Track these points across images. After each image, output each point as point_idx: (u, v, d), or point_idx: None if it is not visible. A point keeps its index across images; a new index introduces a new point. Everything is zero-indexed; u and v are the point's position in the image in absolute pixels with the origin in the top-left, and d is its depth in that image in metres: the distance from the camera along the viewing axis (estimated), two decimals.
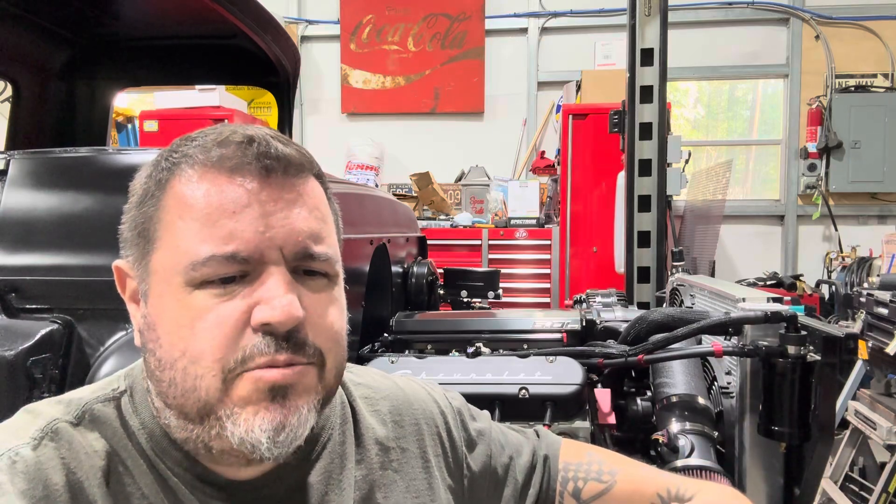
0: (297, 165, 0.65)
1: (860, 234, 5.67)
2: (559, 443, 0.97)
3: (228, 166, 0.62)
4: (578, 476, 0.91)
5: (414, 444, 0.83)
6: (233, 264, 0.60)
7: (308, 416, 0.63)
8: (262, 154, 0.62)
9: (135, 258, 0.65)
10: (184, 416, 0.62)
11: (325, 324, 0.65)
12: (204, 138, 0.64)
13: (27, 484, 0.56)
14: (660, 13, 2.96)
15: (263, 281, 0.61)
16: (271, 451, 0.61)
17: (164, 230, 0.63)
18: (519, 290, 4.81)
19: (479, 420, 0.93)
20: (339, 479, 0.74)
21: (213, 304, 0.60)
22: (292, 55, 2.07)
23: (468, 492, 0.87)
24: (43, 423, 0.61)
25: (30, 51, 2.06)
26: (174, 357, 0.61)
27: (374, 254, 1.87)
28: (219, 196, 0.61)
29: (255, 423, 0.60)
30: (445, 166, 5.90)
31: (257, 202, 0.61)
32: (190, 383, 0.60)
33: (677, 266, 2.37)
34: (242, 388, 0.60)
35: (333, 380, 0.67)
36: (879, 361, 2.96)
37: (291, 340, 0.61)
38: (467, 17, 6.13)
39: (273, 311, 0.60)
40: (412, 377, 0.93)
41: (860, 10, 5.68)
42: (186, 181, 0.62)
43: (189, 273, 0.60)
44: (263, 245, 0.61)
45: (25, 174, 1.28)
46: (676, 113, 6.07)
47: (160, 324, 0.62)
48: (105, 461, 0.62)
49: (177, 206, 0.62)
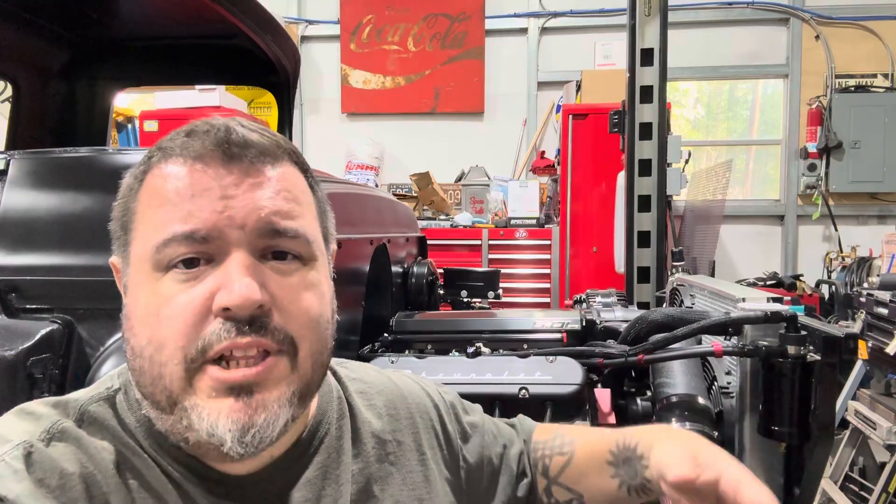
0: (265, 151, 0.65)
1: (860, 234, 5.67)
2: (534, 426, 0.98)
3: (192, 155, 0.63)
4: (545, 454, 0.93)
5: (409, 438, 0.83)
6: (192, 244, 0.60)
7: (279, 412, 0.61)
8: (224, 140, 0.63)
9: (119, 253, 0.67)
10: (156, 405, 0.62)
11: (297, 309, 0.63)
12: (178, 131, 0.66)
13: (43, 473, 0.56)
14: (660, 13, 2.96)
15: (225, 266, 0.61)
16: (237, 451, 0.59)
17: (139, 220, 0.64)
18: (519, 290, 4.81)
19: (471, 413, 0.94)
20: (336, 474, 0.74)
21: (178, 291, 0.60)
22: (292, 55, 2.07)
23: (466, 483, 0.88)
24: (47, 423, 0.61)
25: (30, 51, 2.06)
26: (142, 344, 0.61)
27: (374, 254, 1.87)
28: (181, 181, 0.62)
29: (219, 422, 0.59)
30: (445, 166, 5.90)
31: (218, 186, 0.61)
32: (157, 371, 0.60)
33: (677, 266, 2.37)
34: (203, 381, 0.60)
35: (310, 369, 0.64)
36: (879, 361, 2.95)
37: (255, 324, 0.60)
38: (467, 17, 6.12)
39: (230, 294, 0.59)
40: (405, 373, 0.94)
41: (860, 10, 5.68)
42: (158, 172, 0.64)
43: (154, 256, 0.61)
44: (222, 223, 0.61)
45: (25, 174, 1.28)
46: (676, 113, 6.06)
47: (134, 312, 0.63)
48: (114, 455, 0.62)
49: (147, 197, 0.64)
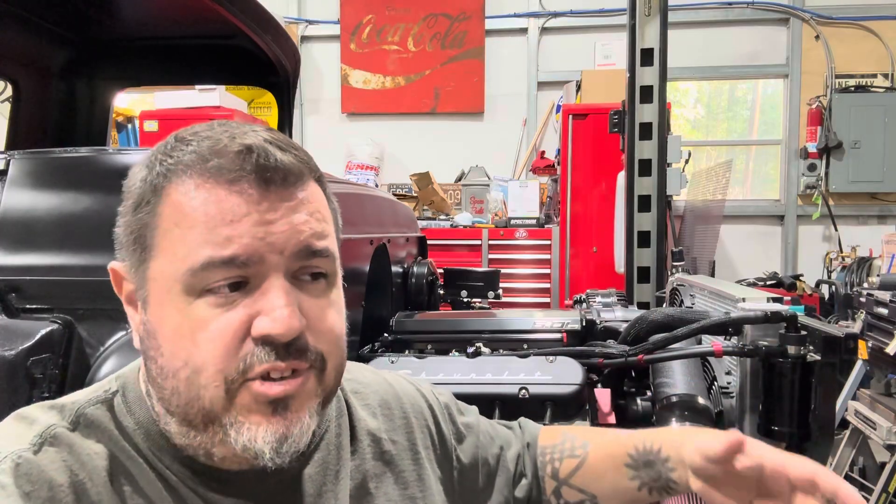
0: (297, 174, 0.64)
1: (860, 234, 5.67)
2: (538, 429, 0.98)
3: (227, 178, 0.61)
4: (554, 457, 0.92)
5: (403, 437, 0.84)
6: (231, 269, 0.60)
7: (310, 422, 0.64)
8: (262, 167, 0.61)
9: (131, 264, 0.65)
10: (187, 423, 0.62)
11: (325, 328, 0.65)
12: (199, 144, 0.63)
13: (32, 486, 0.56)
14: (660, 13, 2.96)
15: (264, 291, 0.61)
16: (274, 461, 0.62)
17: (162, 238, 0.62)
18: (519, 290, 4.81)
19: (466, 414, 0.94)
20: (335, 470, 0.75)
21: (214, 315, 0.60)
22: (292, 55, 2.07)
23: (458, 483, 0.88)
24: (40, 428, 0.61)
25: (30, 51, 2.06)
26: (176, 367, 0.61)
27: (374, 254, 1.87)
28: (217, 206, 0.60)
29: (259, 435, 0.61)
30: (445, 166, 5.90)
31: (256, 212, 0.61)
32: (194, 392, 0.61)
33: (677, 266, 2.37)
34: (244, 398, 0.61)
35: (333, 381, 0.67)
36: (879, 361, 2.95)
37: (292, 348, 0.61)
38: (467, 17, 6.12)
39: (274, 323, 0.60)
40: (400, 374, 0.94)
41: (860, 10, 5.68)
42: (184, 190, 0.61)
43: (188, 279, 0.60)
44: (263, 249, 0.60)
45: (25, 174, 1.28)
46: (676, 113, 6.06)
47: (161, 332, 0.62)
48: (107, 461, 0.62)
49: (173, 215, 0.61)
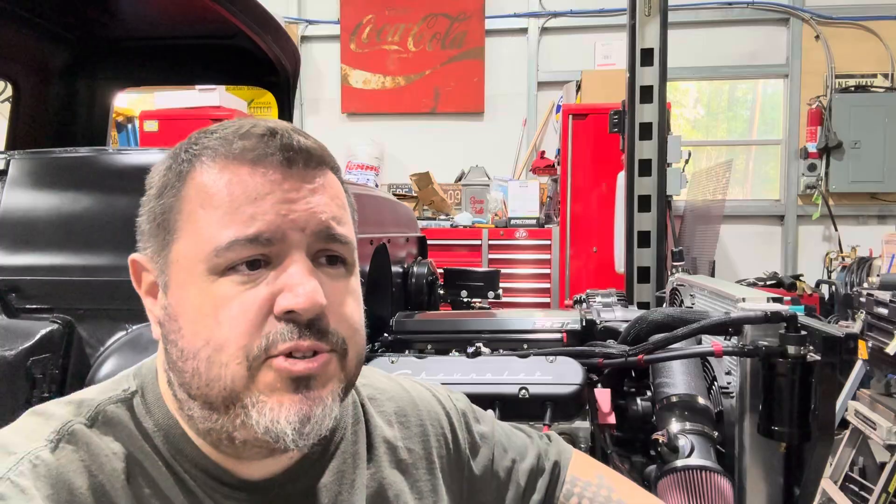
0: (318, 158, 0.65)
1: (860, 234, 5.67)
2: (570, 452, 0.95)
3: (250, 158, 0.62)
4: (585, 495, 0.90)
5: (419, 446, 0.82)
6: (256, 246, 0.60)
7: (332, 405, 0.63)
8: (285, 146, 0.63)
9: (154, 250, 0.65)
10: (208, 405, 0.61)
11: (345, 312, 0.65)
12: (224, 131, 0.64)
13: (51, 489, 0.55)
14: (660, 13, 2.95)
15: (286, 267, 0.61)
16: (296, 443, 0.60)
17: (186, 220, 0.62)
18: (519, 290, 4.81)
19: (482, 423, 0.92)
20: (351, 479, 0.74)
21: (237, 292, 0.60)
22: (292, 55, 2.07)
23: (467, 493, 0.87)
24: (57, 424, 0.60)
25: (30, 51, 2.06)
26: (197, 346, 0.60)
27: (374, 254, 1.87)
28: (241, 186, 0.61)
29: (281, 414, 0.60)
30: (445, 166, 5.90)
31: (280, 190, 0.61)
32: (215, 372, 0.60)
33: (677, 266, 2.37)
34: (266, 375, 0.60)
35: (354, 369, 0.67)
36: (879, 361, 2.95)
37: (314, 328, 0.61)
38: (467, 17, 6.12)
39: (297, 298, 0.60)
40: (415, 378, 0.93)
41: (860, 10, 5.68)
42: (208, 172, 0.62)
43: (212, 260, 0.60)
44: (286, 226, 0.61)
45: (25, 174, 1.28)
46: (676, 113, 6.06)
47: (182, 313, 0.62)
48: (125, 463, 0.62)
49: (198, 196, 0.62)
